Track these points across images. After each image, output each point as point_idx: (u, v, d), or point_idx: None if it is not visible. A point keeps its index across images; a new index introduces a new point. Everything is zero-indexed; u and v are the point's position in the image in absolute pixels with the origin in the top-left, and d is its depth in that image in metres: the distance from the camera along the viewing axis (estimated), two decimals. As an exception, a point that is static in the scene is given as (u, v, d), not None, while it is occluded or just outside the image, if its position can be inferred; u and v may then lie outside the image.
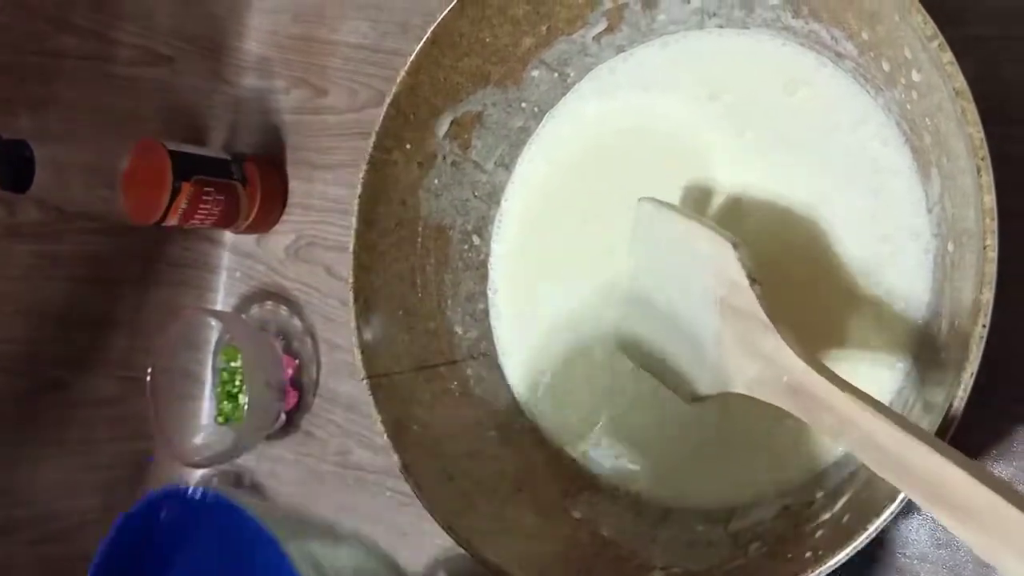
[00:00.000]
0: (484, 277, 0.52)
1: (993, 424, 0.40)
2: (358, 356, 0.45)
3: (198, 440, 0.67)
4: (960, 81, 0.30)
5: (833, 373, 0.31)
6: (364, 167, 0.46)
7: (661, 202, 0.40)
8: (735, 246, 0.34)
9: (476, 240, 0.51)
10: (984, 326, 0.29)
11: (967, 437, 0.30)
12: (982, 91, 0.31)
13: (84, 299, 0.64)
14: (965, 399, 0.30)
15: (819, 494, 0.39)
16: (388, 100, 0.45)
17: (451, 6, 0.43)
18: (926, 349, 0.37)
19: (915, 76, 0.34)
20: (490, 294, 0.52)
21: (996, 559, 0.26)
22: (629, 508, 0.44)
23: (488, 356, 0.50)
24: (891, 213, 0.39)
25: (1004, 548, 0.25)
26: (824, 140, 0.41)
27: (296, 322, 0.66)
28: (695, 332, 0.37)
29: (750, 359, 0.34)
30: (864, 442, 0.29)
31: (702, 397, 0.38)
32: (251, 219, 0.65)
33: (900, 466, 0.28)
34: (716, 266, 0.35)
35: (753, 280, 0.34)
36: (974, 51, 0.39)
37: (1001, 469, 0.40)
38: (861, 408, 0.30)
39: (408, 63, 0.44)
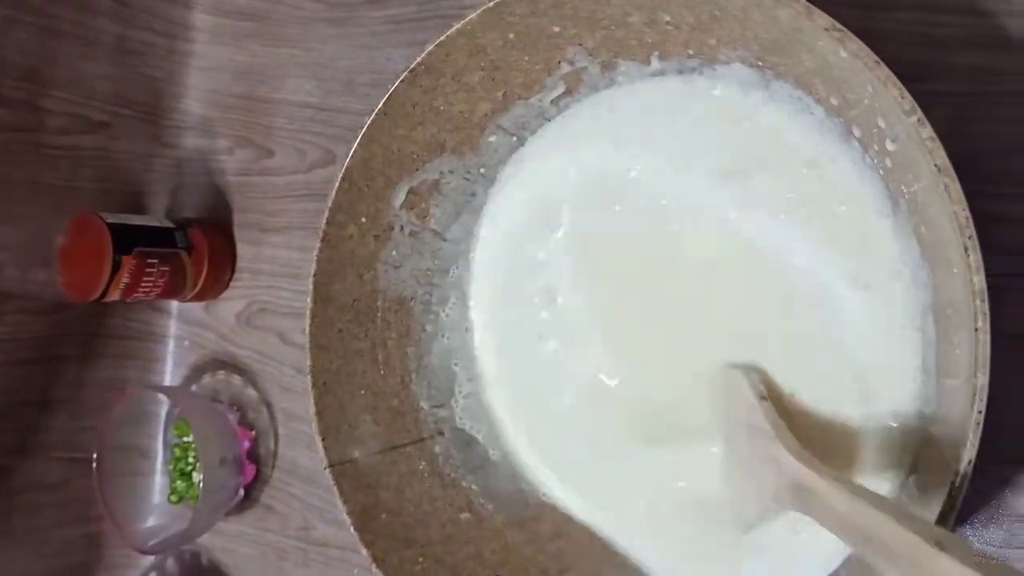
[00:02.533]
0: (451, 346, 0.50)
1: (980, 487, 0.39)
2: (319, 443, 0.43)
3: (150, 522, 0.63)
4: (942, 158, 0.29)
5: (830, 471, 0.31)
6: (318, 244, 0.44)
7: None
8: (745, 372, 0.38)
9: (440, 309, 0.49)
10: (980, 411, 0.28)
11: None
12: (953, 148, 0.30)
13: (23, 381, 0.60)
14: (966, 487, 0.28)
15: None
16: (340, 174, 0.43)
17: (402, 76, 0.41)
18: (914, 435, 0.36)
19: (889, 146, 0.33)
20: (457, 369, 0.50)
21: None
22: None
23: (460, 430, 0.48)
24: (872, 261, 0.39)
25: None
26: (790, 194, 0.40)
27: (251, 392, 0.63)
28: (744, 460, 0.39)
29: (765, 465, 0.35)
30: (867, 539, 0.28)
31: (754, 523, 0.38)
32: (198, 287, 0.62)
33: (908, 564, 0.27)
34: (741, 395, 0.38)
35: (763, 397, 0.36)
36: (943, 107, 0.39)
37: (992, 533, 0.39)
38: (856, 502, 0.28)
39: (360, 135, 0.42)
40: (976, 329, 0.28)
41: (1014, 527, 0.39)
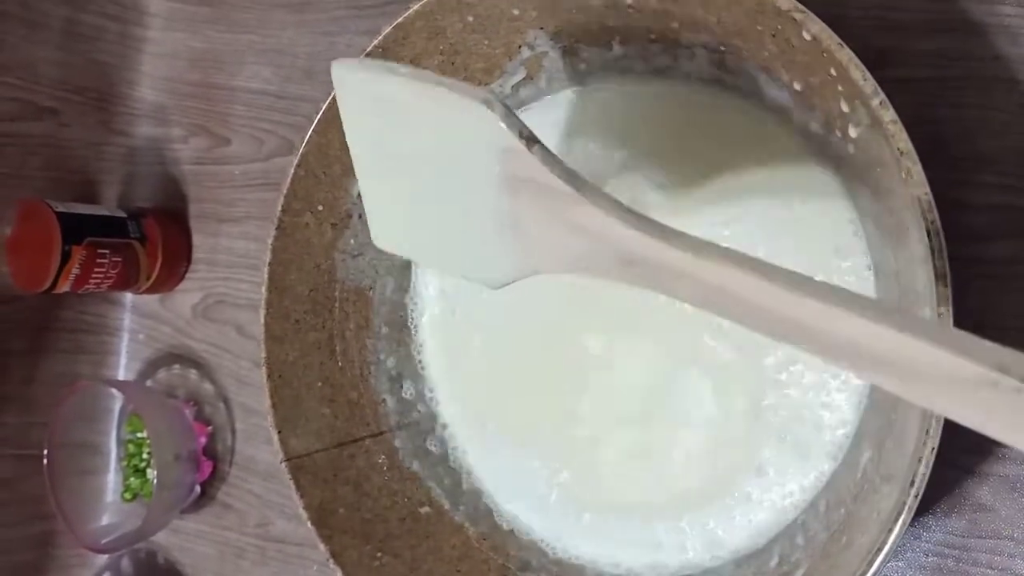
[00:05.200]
0: (411, 338, 0.49)
1: (941, 476, 0.39)
2: (275, 437, 0.42)
3: (104, 520, 0.62)
4: (904, 141, 0.29)
5: (676, 232, 0.25)
6: (273, 232, 0.42)
7: (365, 67, 0.31)
8: (488, 104, 0.27)
9: (400, 298, 0.48)
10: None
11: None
12: (917, 134, 0.30)
13: (-31, 375, 0.58)
14: (927, 475, 0.28)
15: (772, 562, 0.37)
16: (296, 160, 0.42)
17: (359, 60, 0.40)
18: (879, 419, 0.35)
19: (852, 132, 0.32)
20: (415, 355, 0.49)
21: (929, 402, 0.22)
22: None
23: (418, 424, 0.47)
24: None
25: (932, 389, 0.21)
26: (753, 188, 0.40)
27: (207, 386, 0.62)
28: (479, 216, 0.30)
29: (570, 234, 0.27)
30: (728, 299, 0.24)
31: (507, 282, 0.32)
32: (153, 279, 0.61)
33: (779, 320, 0.23)
34: (482, 138, 0.28)
35: (530, 141, 0.27)
36: (907, 93, 0.38)
37: (954, 522, 0.39)
38: (716, 261, 0.24)
39: (315, 120, 0.41)
40: (940, 315, 0.28)
41: (976, 516, 0.39)
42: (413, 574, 0.42)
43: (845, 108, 0.32)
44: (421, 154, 0.31)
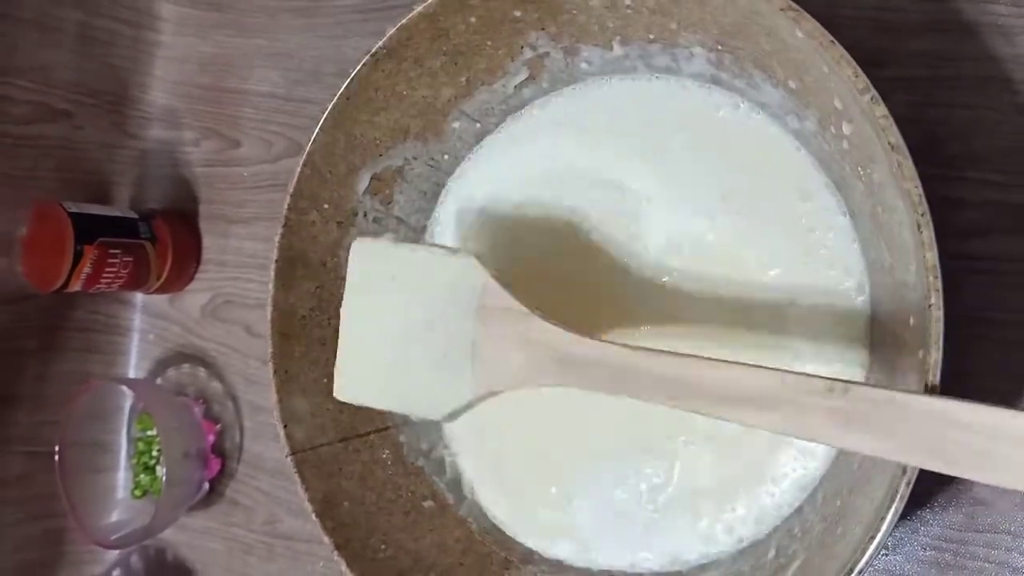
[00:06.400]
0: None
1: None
2: (281, 431, 0.43)
3: (114, 517, 0.62)
4: (895, 135, 0.29)
5: (597, 337, 0.33)
6: (280, 230, 0.43)
7: (378, 242, 0.40)
8: (472, 255, 0.37)
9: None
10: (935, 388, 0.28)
11: (915, 485, 0.29)
12: (912, 133, 0.30)
13: (-19, 374, 0.59)
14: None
15: (770, 554, 0.38)
16: (302, 159, 0.43)
17: (364, 60, 0.41)
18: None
19: (846, 128, 0.33)
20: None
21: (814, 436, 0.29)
22: (575, 577, 0.42)
23: (424, 421, 0.48)
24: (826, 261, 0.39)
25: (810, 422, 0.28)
26: (750, 187, 0.41)
27: (216, 385, 0.62)
28: (448, 352, 0.37)
29: (516, 350, 0.35)
30: (646, 382, 0.31)
31: (460, 409, 0.38)
32: (163, 279, 0.62)
33: (687, 387, 0.30)
34: (465, 281, 0.37)
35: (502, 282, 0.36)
36: (901, 92, 0.39)
37: (951, 516, 0.40)
38: (629, 352, 0.32)
39: (322, 120, 0.42)
40: (929, 306, 0.28)
41: (974, 510, 0.40)
42: (416, 566, 0.42)
43: (838, 105, 0.33)
44: (405, 305, 0.38)
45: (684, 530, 0.41)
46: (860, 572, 0.29)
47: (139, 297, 0.66)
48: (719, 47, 0.38)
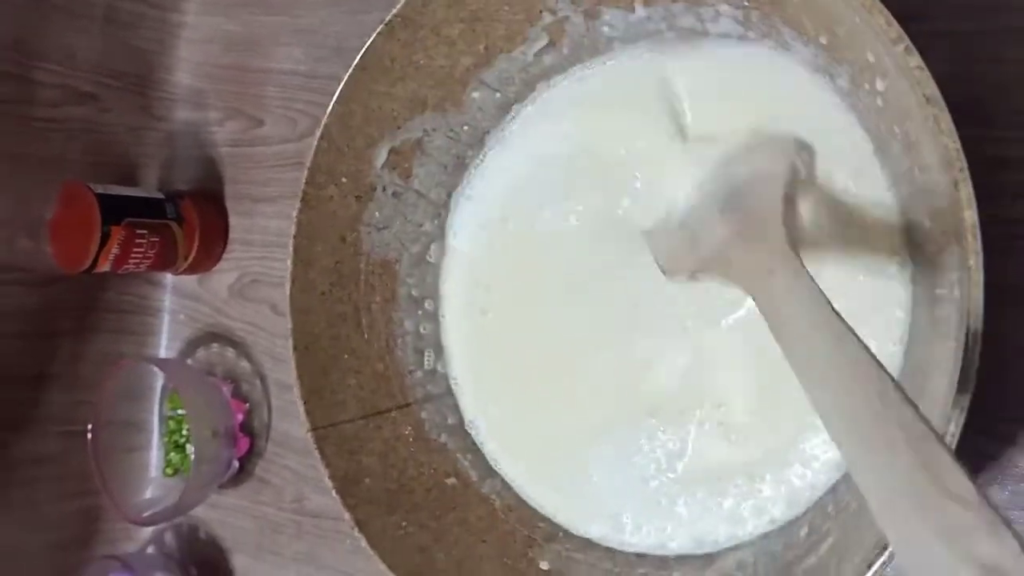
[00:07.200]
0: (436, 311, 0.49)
1: (982, 446, 0.38)
2: (301, 407, 0.42)
3: (146, 495, 0.63)
4: (931, 87, 0.27)
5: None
6: (298, 205, 0.43)
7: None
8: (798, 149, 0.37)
9: (425, 273, 0.48)
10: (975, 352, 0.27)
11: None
12: (955, 91, 0.28)
13: (16, 355, 0.59)
14: (958, 436, 0.27)
15: (803, 532, 0.36)
16: (319, 132, 0.42)
17: (379, 29, 0.40)
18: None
19: (879, 84, 0.31)
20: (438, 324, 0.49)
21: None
22: (602, 557, 0.41)
23: (445, 396, 0.47)
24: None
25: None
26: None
27: (244, 364, 0.62)
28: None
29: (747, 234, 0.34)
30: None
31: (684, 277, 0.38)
32: (191, 259, 0.62)
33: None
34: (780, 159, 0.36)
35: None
36: (944, 47, 0.37)
37: (995, 493, 0.38)
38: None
39: (337, 92, 0.41)
40: (969, 267, 0.27)
41: (1020, 487, 0.38)
42: (438, 544, 0.42)
43: (871, 58, 0.31)
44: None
45: (711, 510, 0.39)
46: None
47: (168, 278, 0.66)
48: (745, 3, 0.36)
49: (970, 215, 0.27)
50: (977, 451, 0.38)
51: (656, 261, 0.39)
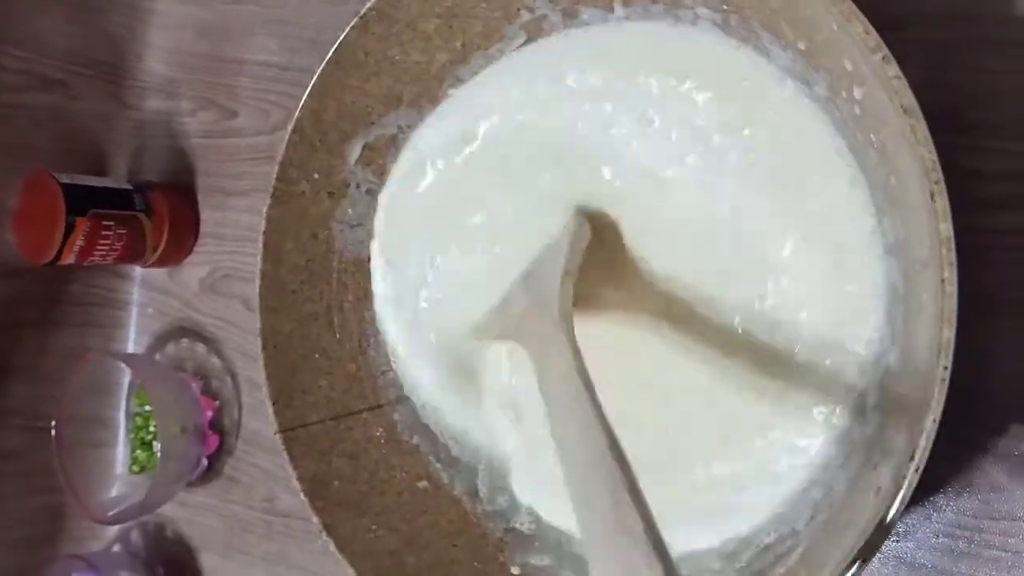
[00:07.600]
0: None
1: (955, 455, 0.38)
2: (270, 408, 0.42)
3: (112, 492, 0.62)
4: (908, 97, 0.27)
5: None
6: (268, 200, 0.42)
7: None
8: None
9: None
10: (946, 367, 0.26)
11: (927, 469, 0.27)
12: (931, 100, 0.28)
13: (-21, 346, 0.58)
14: (929, 448, 0.27)
15: (769, 539, 0.36)
16: (290, 126, 0.41)
17: (353, 23, 0.39)
18: (877, 391, 0.34)
19: (856, 92, 0.31)
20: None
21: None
22: (573, 561, 0.41)
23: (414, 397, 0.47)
24: (834, 227, 0.37)
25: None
26: (753, 146, 0.38)
27: (215, 360, 0.61)
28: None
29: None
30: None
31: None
32: (159, 252, 0.60)
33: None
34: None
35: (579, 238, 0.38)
36: (920, 56, 0.37)
37: (966, 502, 0.38)
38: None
39: (310, 86, 0.40)
40: (943, 280, 0.27)
41: (989, 496, 0.38)
42: (408, 548, 0.41)
43: (848, 66, 0.30)
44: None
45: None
46: (866, 559, 0.27)
47: (137, 270, 0.65)
48: (724, 6, 0.36)
49: (945, 228, 0.27)
50: (949, 459, 0.38)
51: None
